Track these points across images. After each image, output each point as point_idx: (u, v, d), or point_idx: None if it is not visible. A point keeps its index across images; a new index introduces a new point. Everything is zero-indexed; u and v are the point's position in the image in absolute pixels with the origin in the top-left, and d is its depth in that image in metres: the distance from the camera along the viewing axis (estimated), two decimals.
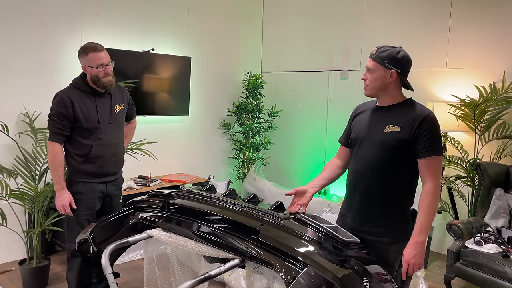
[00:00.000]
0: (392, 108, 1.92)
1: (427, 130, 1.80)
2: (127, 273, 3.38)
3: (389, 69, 1.84)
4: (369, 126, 1.95)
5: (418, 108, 1.88)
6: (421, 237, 1.79)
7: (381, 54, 1.85)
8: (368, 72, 1.91)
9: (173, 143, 4.67)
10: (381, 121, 1.91)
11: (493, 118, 3.50)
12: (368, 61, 1.91)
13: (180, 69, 4.48)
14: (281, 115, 5.11)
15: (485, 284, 2.87)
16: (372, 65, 1.88)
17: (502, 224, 3.20)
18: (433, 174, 1.81)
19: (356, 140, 1.99)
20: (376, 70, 1.86)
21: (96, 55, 2.49)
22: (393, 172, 1.87)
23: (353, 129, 2.04)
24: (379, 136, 1.89)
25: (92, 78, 2.53)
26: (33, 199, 3.02)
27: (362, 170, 1.94)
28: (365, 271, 1.54)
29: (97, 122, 2.56)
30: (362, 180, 1.94)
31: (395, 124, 1.86)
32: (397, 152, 1.85)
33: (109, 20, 3.99)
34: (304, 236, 1.66)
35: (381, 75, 1.86)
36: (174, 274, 2.17)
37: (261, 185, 4.73)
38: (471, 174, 3.55)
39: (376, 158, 1.89)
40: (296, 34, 5.10)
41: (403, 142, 1.83)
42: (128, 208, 2.24)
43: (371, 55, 1.89)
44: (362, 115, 2.04)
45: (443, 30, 3.92)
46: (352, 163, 2.02)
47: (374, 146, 1.90)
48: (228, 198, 2.05)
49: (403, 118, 1.86)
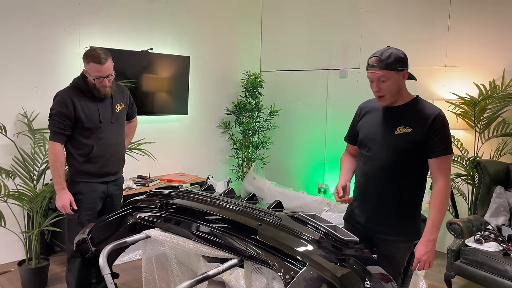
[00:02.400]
0: (401, 108, 1.91)
1: (438, 130, 1.81)
2: (126, 273, 3.38)
3: (401, 71, 1.83)
4: (379, 128, 1.94)
5: (427, 107, 1.87)
6: (433, 235, 1.82)
7: (389, 61, 1.80)
8: (378, 82, 1.84)
9: (172, 143, 4.66)
10: (391, 123, 1.90)
11: (493, 116, 3.49)
12: (373, 72, 1.83)
13: (179, 69, 4.47)
14: (280, 114, 5.10)
15: (486, 282, 2.86)
16: (384, 74, 1.82)
17: (503, 222, 3.19)
18: (444, 173, 1.83)
19: (365, 142, 1.98)
20: (389, 78, 1.83)
21: (96, 67, 2.43)
22: (405, 173, 1.88)
23: (362, 130, 2.03)
24: (390, 138, 1.88)
25: (91, 84, 2.52)
26: (31, 199, 3.01)
27: (373, 173, 1.94)
28: (364, 270, 1.53)
29: (98, 122, 2.55)
30: (374, 183, 1.94)
31: (406, 125, 1.85)
32: (409, 153, 1.85)
33: (107, 20, 3.98)
34: (303, 235, 1.65)
35: (395, 80, 1.84)
36: (173, 274, 2.16)
37: (261, 185, 4.73)
38: (471, 172, 3.54)
39: (388, 161, 1.89)
40: (295, 32, 5.09)
41: (416, 143, 1.83)
42: (126, 208, 2.23)
43: (374, 66, 1.83)
44: (369, 115, 2.02)
45: (442, 28, 3.91)
46: (362, 165, 2.01)
47: (386, 148, 1.89)
48: (227, 197, 2.04)
49: (413, 118, 1.85)
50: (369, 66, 1.86)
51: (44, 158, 3.27)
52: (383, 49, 1.86)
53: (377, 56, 1.82)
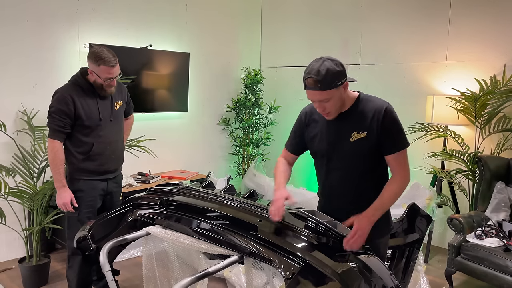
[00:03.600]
0: (348, 113, 1.82)
1: (389, 126, 1.76)
2: (127, 270, 3.38)
3: (341, 85, 1.73)
4: (332, 137, 1.85)
5: (374, 104, 1.79)
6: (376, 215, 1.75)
7: (326, 80, 1.67)
8: (322, 103, 1.74)
9: (172, 140, 4.65)
10: (344, 130, 1.82)
11: (494, 111, 3.48)
12: (313, 93, 1.71)
13: (179, 65, 4.46)
14: (280, 111, 5.09)
15: (486, 278, 2.86)
16: (326, 95, 1.70)
17: (503, 217, 3.18)
18: (403, 167, 1.79)
19: (321, 154, 1.90)
20: (332, 96, 1.72)
21: (107, 69, 2.43)
22: (368, 175, 1.84)
23: (311, 140, 1.94)
24: (347, 147, 1.81)
25: (96, 84, 2.51)
26: (32, 197, 3.01)
27: (337, 184, 1.89)
28: (364, 266, 1.53)
29: (98, 120, 2.54)
30: (340, 194, 1.89)
31: (359, 129, 1.79)
32: (370, 156, 1.80)
33: (106, 16, 3.97)
34: (303, 231, 1.65)
35: (338, 95, 1.74)
36: (174, 271, 2.17)
37: (261, 181, 4.72)
38: (472, 168, 3.53)
39: (350, 169, 1.83)
40: (295, 28, 5.07)
41: (374, 145, 1.78)
42: (127, 205, 2.23)
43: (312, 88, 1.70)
44: (316, 124, 1.92)
45: (443, 23, 3.89)
46: (324, 177, 1.93)
47: (345, 158, 1.83)
48: (227, 194, 2.04)
49: (364, 120, 1.78)
50: (306, 86, 1.73)
51: (44, 156, 3.27)
52: (317, 64, 1.72)
53: (312, 76, 1.68)
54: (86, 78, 2.53)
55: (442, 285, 3.22)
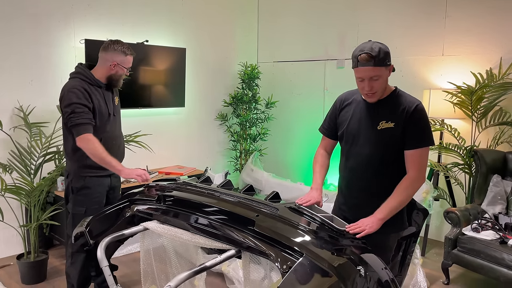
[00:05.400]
0: (382, 102, 1.88)
1: (415, 122, 1.80)
2: (125, 265, 3.39)
3: (389, 66, 1.81)
4: (361, 122, 1.91)
5: (407, 100, 1.85)
6: (384, 217, 1.77)
7: (380, 56, 1.74)
8: (370, 81, 1.77)
9: (169, 136, 4.65)
10: (373, 117, 1.88)
11: (490, 105, 3.49)
12: (365, 69, 1.75)
13: (175, 61, 4.44)
14: (277, 106, 5.09)
15: (483, 270, 2.88)
16: (378, 71, 1.75)
17: (499, 210, 3.20)
18: (417, 166, 1.81)
19: (348, 137, 1.96)
20: (382, 75, 1.78)
21: (131, 59, 2.58)
22: (390, 166, 1.87)
23: (342, 123, 2.00)
24: (373, 133, 1.87)
25: (115, 75, 2.53)
26: (29, 193, 3.01)
27: (358, 168, 1.93)
28: (360, 259, 1.54)
29: (107, 115, 2.54)
30: (358, 177, 1.94)
31: (388, 120, 1.84)
32: (393, 147, 1.84)
33: (102, 12, 3.95)
34: (300, 225, 1.66)
35: (385, 76, 1.82)
36: (171, 266, 2.17)
37: (259, 176, 4.72)
38: (468, 161, 3.55)
39: (373, 156, 1.88)
40: (292, 23, 5.06)
41: (398, 137, 1.82)
42: (124, 201, 2.23)
43: (365, 63, 1.74)
44: (349, 108, 1.98)
45: (439, 16, 3.89)
46: (346, 160, 1.99)
47: (369, 144, 1.88)
48: (224, 189, 2.04)
49: (394, 112, 1.83)
50: (359, 63, 1.76)
51: (41, 152, 3.26)
52: (368, 43, 1.78)
53: (368, 52, 1.73)
54: (91, 72, 2.52)
55: (439, 278, 3.24)
